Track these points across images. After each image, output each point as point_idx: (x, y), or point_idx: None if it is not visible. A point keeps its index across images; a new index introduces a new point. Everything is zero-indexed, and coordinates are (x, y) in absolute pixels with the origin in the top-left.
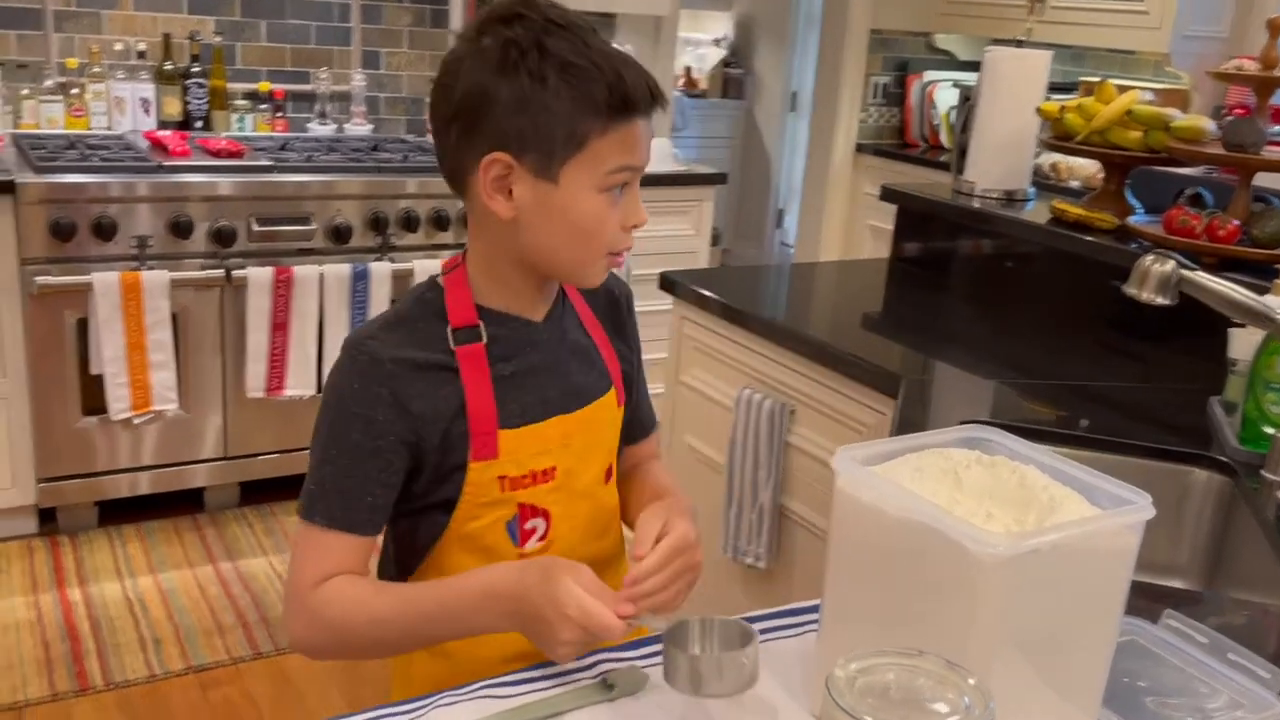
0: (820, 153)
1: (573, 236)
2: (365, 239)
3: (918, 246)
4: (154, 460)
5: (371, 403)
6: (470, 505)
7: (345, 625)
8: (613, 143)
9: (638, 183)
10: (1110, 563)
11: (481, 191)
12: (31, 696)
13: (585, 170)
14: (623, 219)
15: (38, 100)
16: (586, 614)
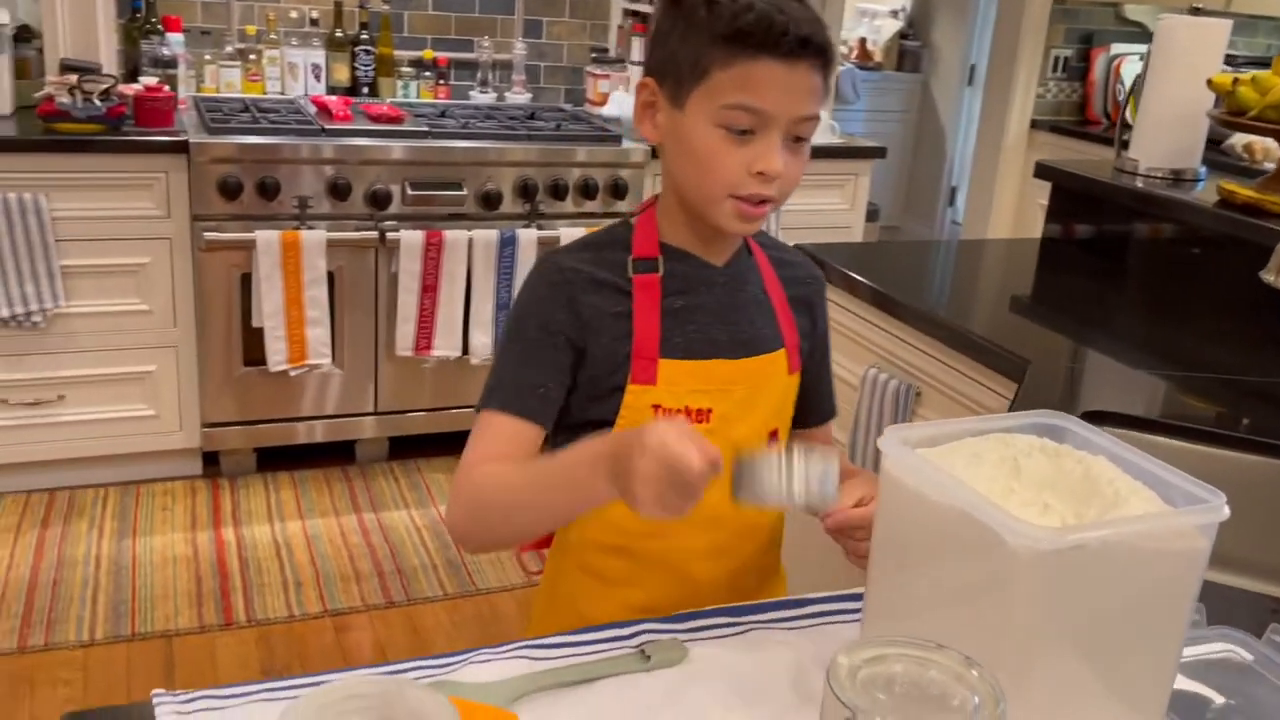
0: (992, 128)
1: (691, 167)
2: (514, 206)
3: (1073, 227)
4: (308, 412)
5: (550, 305)
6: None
7: (482, 497)
8: (733, 78)
9: (775, 130)
10: (1174, 565)
11: (635, 114)
12: (181, 626)
13: (705, 101)
14: (751, 162)
15: (218, 65)
16: (664, 444)
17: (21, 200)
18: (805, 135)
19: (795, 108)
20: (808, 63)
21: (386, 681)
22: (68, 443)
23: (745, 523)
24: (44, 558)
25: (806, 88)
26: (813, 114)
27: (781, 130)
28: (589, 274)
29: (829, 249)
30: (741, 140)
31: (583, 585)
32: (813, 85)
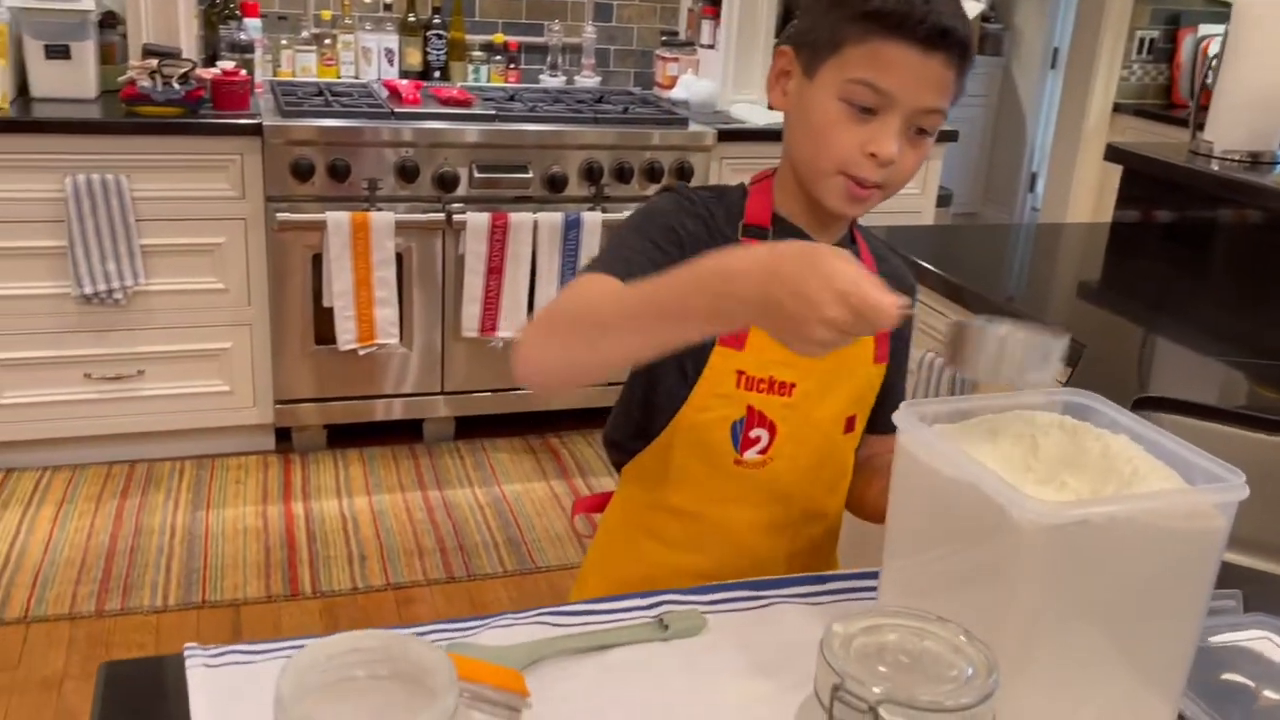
0: (1073, 112)
1: (807, 136)
2: (579, 189)
3: (1145, 211)
4: (378, 390)
5: (678, 220)
6: (706, 392)
7: (565, 305)
8: (864, 54)
9: (896, 114)
10: (1190, 544)
11: (768, 81)
12: (249, 596)
13: (833, 73)
14: (864, 142)
15: (294, 50)
16: (860, 287)
17: (105, 181)
18: (928, 128)
19: (921, 97)
20: (943, 54)
21: (389, 636)
22: (147, 417)
23: (811, 506)
24: (122, 526)
25: (936, 79)
26: (938, 107)
27: (903, 116)
28: (712, 216)
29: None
30: (861, 118)
31: (642, 548)
32: (944, 78)
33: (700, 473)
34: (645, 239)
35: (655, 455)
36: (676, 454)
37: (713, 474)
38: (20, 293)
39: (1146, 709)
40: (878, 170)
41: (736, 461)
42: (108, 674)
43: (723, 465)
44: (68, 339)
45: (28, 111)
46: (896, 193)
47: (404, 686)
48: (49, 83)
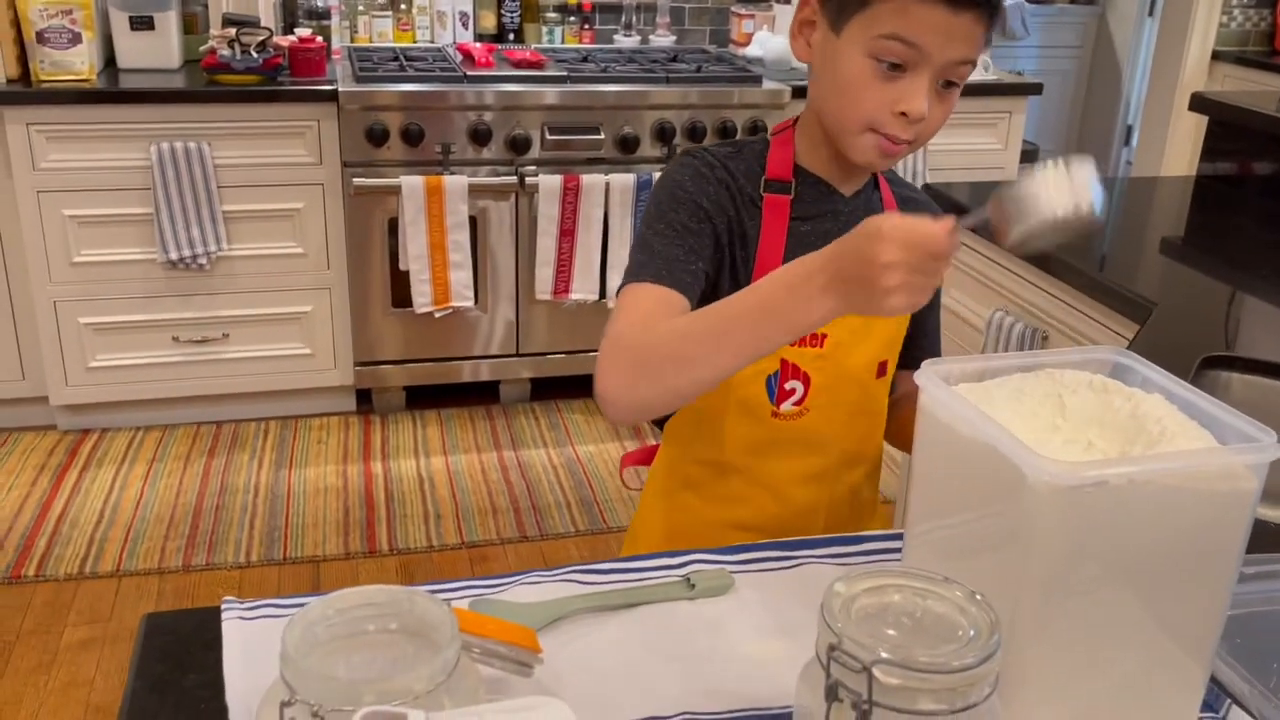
0: (1169, 60)
1: (834, 93)
2: (651, 149)
3: (1231, 163)
4: (453, 353)
5: (701, 191)
6: None
7: (651, 350)
8: (894, 10)
9: (926, 70)
10: (1218, 505)
11: (791, 30)
12: (328, 553)
13: (861, 29)
14: (894, 100)
15: (370, 16)
16: (905, 227)
17: (188, 149)
18: (958, 79)
19: (951, 51)
20: (973, 12)
21: (398, 591)
22: (232, 379)
23: (848, 453)
24: (209, 485)
25: (966, 34)
26: (968, 58)
27: (933, 72)
28: (732, 177)
29: (958, 189)
30: (890, 76)
31: (684, 501)
32: (974, 33)
33: (739, 427)
34: (674, 227)
35: (694, 412)
36: (715, 410)
37: (751, 427)
38: (110, 259)
39: (1176, 672)
40: (907, 128)
41: (774, 414)
42: (149, 624)
43: (761, 418)
44: (155, 303)
45: (115, 82)
46: (925, 144)
47: (412, 640)
48: (134, 54)
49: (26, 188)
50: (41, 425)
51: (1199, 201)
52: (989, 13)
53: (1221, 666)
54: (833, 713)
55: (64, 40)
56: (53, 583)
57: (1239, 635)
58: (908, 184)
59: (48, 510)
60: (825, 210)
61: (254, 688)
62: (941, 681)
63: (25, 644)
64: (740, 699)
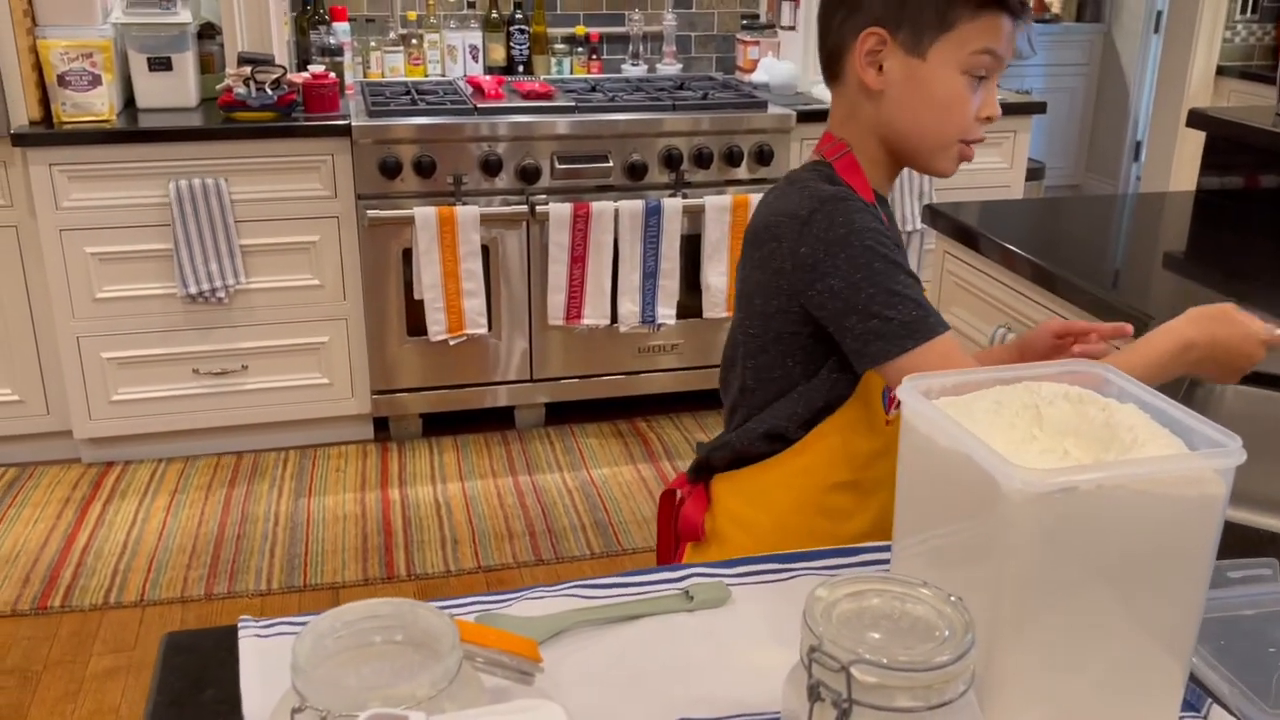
0: (1173, 76)
1: (933, 113)
2: (659, 176)
3: (1228, 179)
4: (469, 379)
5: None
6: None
7: None
8: (980, 28)
9: (996, 78)
10: (1187, 509)
11: (856, 63)
12: (348, 579)
13: (951, 50)
14: (979, 108)
15: (382, 51)
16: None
17: (205, 185)
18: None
19: (1010, 53)
20: (1022, 21)
21: (402, 604)
22: (251, 410)
23: None
24: (230, 514)
25: (1013, 37)
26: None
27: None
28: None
29: (950, 207)
30: (977, 89)
31: (816, 528)
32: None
33: (863, 443)
34: (905, 270)
35: (822, 437)
36: (843, 432)
37: (872, 440)
38: (131, 294)
39: (1155, 672)
40: (983, 129)
41: (887, 422)
42: (169, 643)
43: (878, 428)
44: (175, 337)
45: (134, 122)
46: None
47: (417, 650)
48: (153, 94)
49: (50, 226)
50: (66, 459)
51: (1200, 216)
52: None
53: (1204, 668)
54: (815, 712)
55: (84, 82)
56: (78, 613)
57: (1223, 638)
58: None
59: (73, 542)
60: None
61: (270, 702)
62: (918, 679)
63: (52, 673)
64: (735, 705)
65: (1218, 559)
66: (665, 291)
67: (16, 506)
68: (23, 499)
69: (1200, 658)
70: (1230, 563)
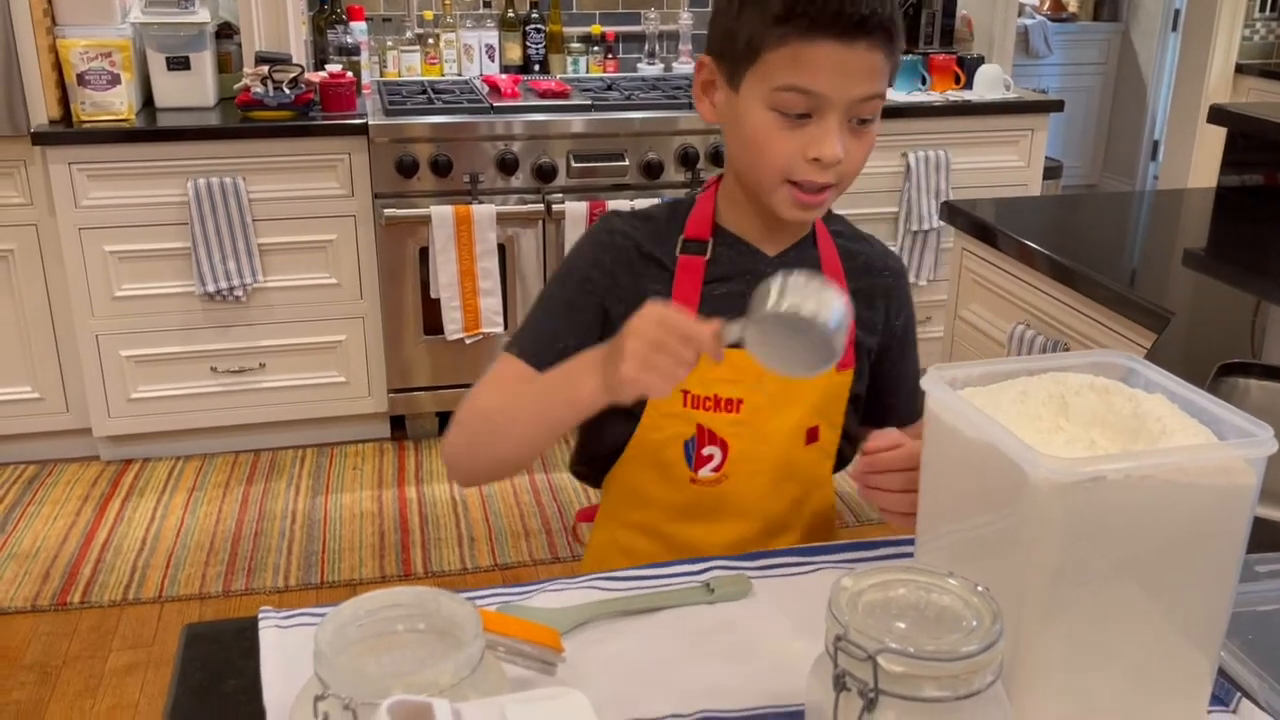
0: (1192, 75)
1: (744, 151)
2: (675, 174)
3: (1248, 176)
4: None
5: (592, 264)
6: (655, 412)
7: (479, 418)
8: (784, 59)
9: (832, 113)
10: (1216, 499)
11: (695, 94)
12: (365, 576)
13: (757, 83)
14: (803, 147)
15: (399, 51)
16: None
17: (223, 184)
18: (868, 116)
19: (853, 89)
20: (867, 41)
21: (424, 592)
22: (269, 408)
23: (772, 521)
24: (248, 512)
25: (866, 68)
26: (875, 93)
27: (840, 113)
28: (636, 243)
29: (977, 205)
30: (796, 124)
31: (615, 562)
32: (874, 64)
33: (661, 492)
34: (559, 301)
35: (620, 475)
36: (637, 473)
37: (672, 492)
38: (150, 293)
39: (1183, 665)
40: (823, 173)
41: (692, 480)
42: (189, 635)
43: (680, 483)
44: (194, 335)
45: (153, 121)
46: (849, 187)
47: (440, 639)
48: (171, 93)
49: (69, 225)
50: (85, 456)
51: (1221, 213)
52: (885, 39)
53: (1233, 662)
54: (841, 702)
55: (104, 81)
56: (98, 609)
57: (1251, 632)
58: (858, 234)
59: (92, 539)
60: (745, 270)
61: (290, 691)
62: (945, 669)
63: (72, 669)
64: (756, 696)
65: (1245, 554)
66: None
67: (36, 503)
68: (42, 496)
69: (1229, 652)
70: (1259, 557)
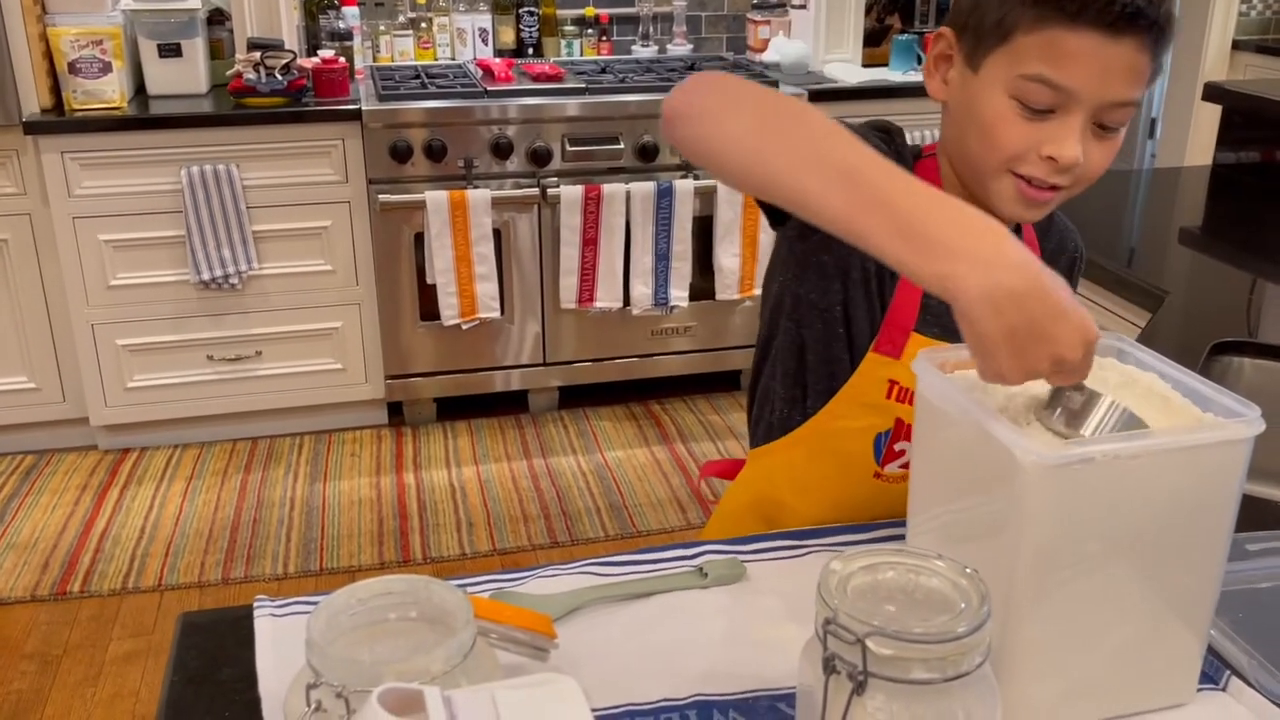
0: (1189, 52)
1: (973, 134)
2: (671, 157)
3: (1245, 153)
4: (482, 363)
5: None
6: (850, 399)
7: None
8: (1038, 45)
9: (1079, 112)
10: (1205, 479)
11: (926, 67)
12: (364, 563)
13: (1002, 66)
14: (1040, 142)
15: (392, 35)
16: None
17: (216, 171)
18: (1116, 124)
19: (1109, 91)
20: (1134, 39)
21: (416, 580)
22: (266, 395)
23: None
24: (246, 500)
25: (1128, 67)
26: (1131, 99)
27: (1087, 113)
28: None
29: None
30: (1036, 117)
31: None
32: (1137, 65)
33: (833, 481)
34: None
35: (787, 451)
36: (807, 458)
37: (849, 485)
38: (145, 281)
39: (1173, 644)
40: (1056, 174)
41: (876, 474)
42: (185, 623)
43: (861, 477)
44: (189, 323)
45: (145, 109)
46: (1081, 190)
47: (432, 627)
48: (163, 80)
49: (63, 214)
50: (82, 446)
51: (1217, 191)
52: (1155, 39)
53: (1223, 640)
54: (831, 685)
55: (95, 70)
56: (97, 598)
57: (1241, 610)
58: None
59: (91, 528)
60: None
61: (285, 679)
62: (933, 651)
63: (72, 658)
64: (750, 680)
65: (1236, 532)
66: (678, 274)
67: (35, 493)
68: (40, 485)
69: (1219, 630)
70: (1248, 535)
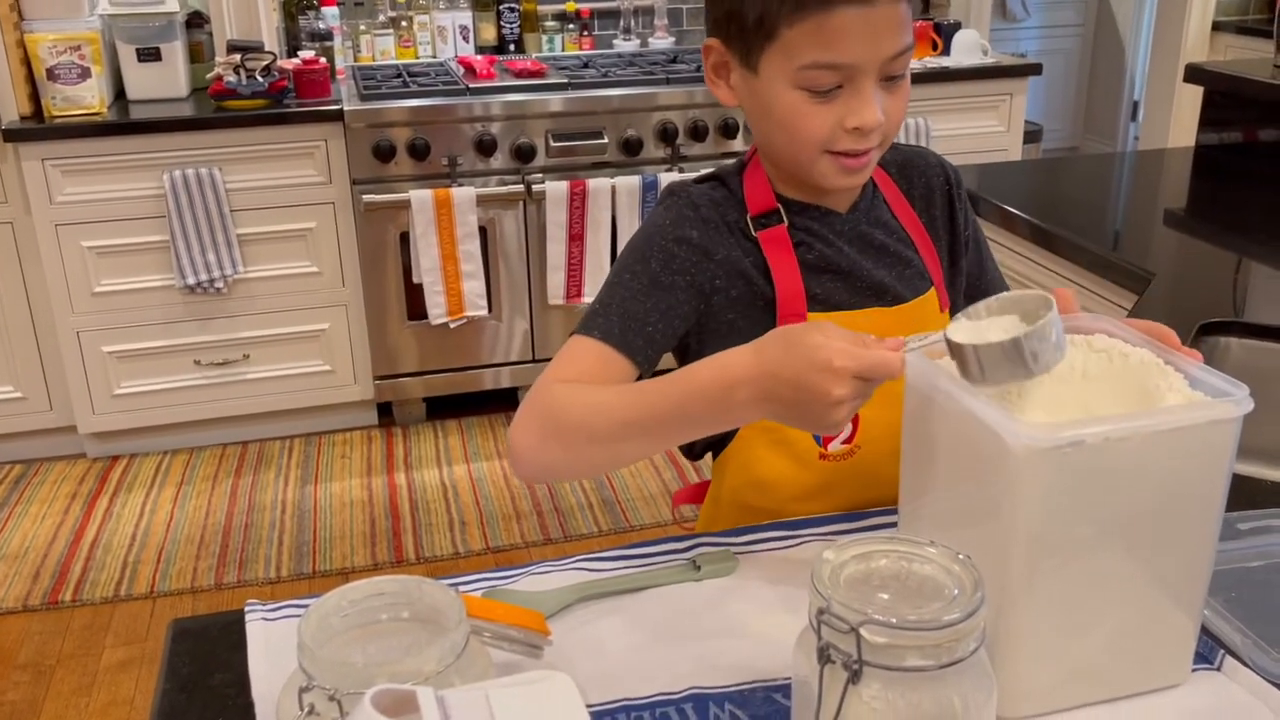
0: (1170, 34)
1: (776, 132)
2: (655, 150)
3: (1227, 134)
4: (471, 362)
5: (677, 240)
6: None
7: (567, 418)
8: (805, 34)
9: (866, 80)
10: (1195, 460)
11: (707, 78)
12: (357, 564)
13: (778, 63)
14: (841, 119)
15: (372, 34)
16: (857, 360)
17: (199, 175)
18: (900, 72)
19: (883, 49)
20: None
21: (407, 580)
22: (254, 399)
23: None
24: (237, 504)
25: (891, 23)
26: (904, 47)
27: (873, 77)
28: (721, 213)
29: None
30: (828, 97)
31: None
32: (897, 17)
33: (785, 472)
34: (642, 279)
35: (736, 456)
36: (757, 455)
37: (800, 473)
38: (130, 287)
39: (1167, 625)
40: (864, 139)
41: (822, 456)
42: (176, 629)
43: (807, 461)
44: (176, 329)
45: (125, 114)
46: (892, 140)
47: (424, 627)
48: (143, 85)
49: (45, 221)
50: (71, 454)
51: (1200, 172)
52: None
53: (1216, 619)
54: (825, 675)
55: (74, 75)
56: (89, 606)
57: (1234, 589)
58: (899, 148)
59: (81, 536)
60: (825, 236)
61: (278, 683)
62: (927, 638)
63: (65, 667)
64: (745, 673)
65: (1226, 511)
66: None
67: (24, 503)
68: (30, 495)
69: (1212, 610)
70: (1240, 514)
